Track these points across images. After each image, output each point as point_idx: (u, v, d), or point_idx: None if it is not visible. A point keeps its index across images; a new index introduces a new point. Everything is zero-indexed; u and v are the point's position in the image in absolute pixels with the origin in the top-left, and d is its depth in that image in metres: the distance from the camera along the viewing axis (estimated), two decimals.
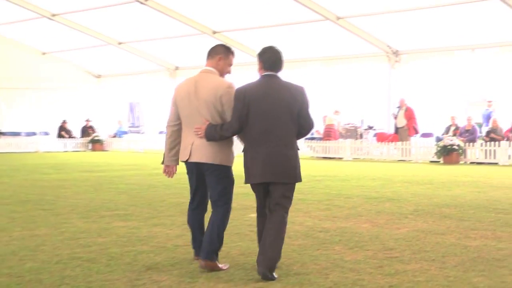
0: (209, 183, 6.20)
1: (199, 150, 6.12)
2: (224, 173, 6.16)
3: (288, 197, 6.00)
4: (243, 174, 6.03)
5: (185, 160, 6.23)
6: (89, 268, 6.11)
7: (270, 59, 6.01)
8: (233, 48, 6.45)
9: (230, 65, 6.34)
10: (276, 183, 5.92)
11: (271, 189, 5.95)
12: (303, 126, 6.05)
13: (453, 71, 26.19)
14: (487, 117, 25.48)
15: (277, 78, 6.03)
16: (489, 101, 25.77)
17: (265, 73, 6.01)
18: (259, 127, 5.91)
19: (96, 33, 31.82)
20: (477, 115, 25.74)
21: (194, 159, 6.15)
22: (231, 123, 6.00)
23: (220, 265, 6.08)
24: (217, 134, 6.00)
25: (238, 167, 6.23)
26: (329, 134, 26.67)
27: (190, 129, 6.18)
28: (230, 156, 6.20)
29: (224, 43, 6.70)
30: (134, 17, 28.85)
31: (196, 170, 6.23)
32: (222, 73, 6.27)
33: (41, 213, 9.77)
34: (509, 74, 24.79)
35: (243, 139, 6.13)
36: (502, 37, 24.17)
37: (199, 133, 6.06)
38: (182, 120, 6.28)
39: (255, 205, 6.18)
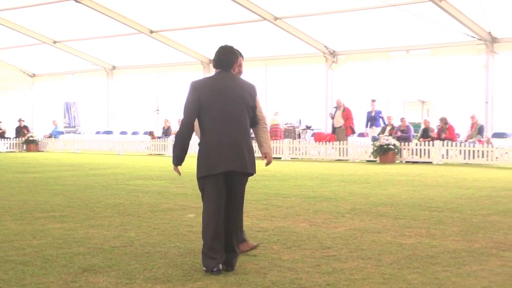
0: None
1: None
2: None
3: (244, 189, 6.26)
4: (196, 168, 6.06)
5: None
6: (23, 271, 5.97)
7: (220, 59, 6.18)
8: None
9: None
10: (239, 173, 6.10)
11: (233, 180, 6.08)
12: (259, 117, 6.36)
13: (389, 72, 26.63)
14: (373, 118, 25.74)
15: (229, 73, 6.20)
16: (373, 100, 25.76)
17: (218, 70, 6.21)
18: (216, 116, 5.98)
19: (30, 31, 31.24)
20: (413, 115, 26.10)
21: None
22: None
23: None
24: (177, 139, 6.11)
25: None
26: (276, 133, 26.67)
27: None
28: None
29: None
30: (70, 16, 28.43)
31: None
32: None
33: None
34: (443, 74, 25.31)
35: (198, 130, 6.19)
36: (436, 38, 24.72)
37: None
38: None
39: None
